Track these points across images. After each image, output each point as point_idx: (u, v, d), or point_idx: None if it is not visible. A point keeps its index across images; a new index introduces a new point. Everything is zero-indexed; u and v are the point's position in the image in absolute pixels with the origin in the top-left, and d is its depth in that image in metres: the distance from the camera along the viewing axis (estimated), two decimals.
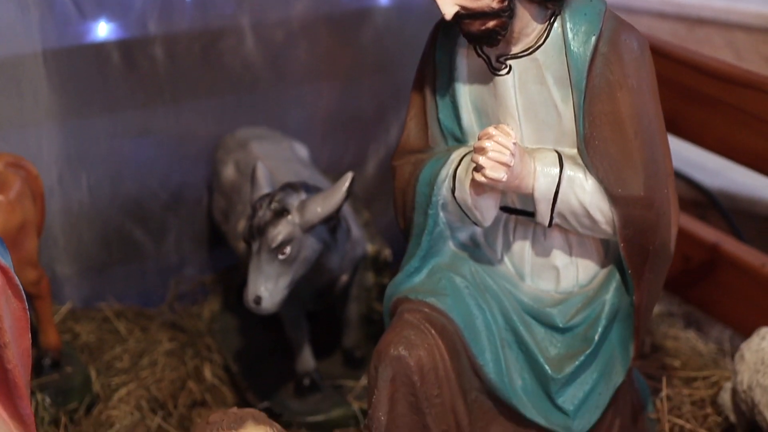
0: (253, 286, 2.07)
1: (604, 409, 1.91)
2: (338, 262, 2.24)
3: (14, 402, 1.78)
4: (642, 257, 1.83)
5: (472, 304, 1.89)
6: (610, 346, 1.91)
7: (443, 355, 1.85)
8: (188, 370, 2.50)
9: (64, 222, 2.59)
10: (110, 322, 2.63)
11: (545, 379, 1.88)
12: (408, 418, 1.85)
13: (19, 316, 1.76)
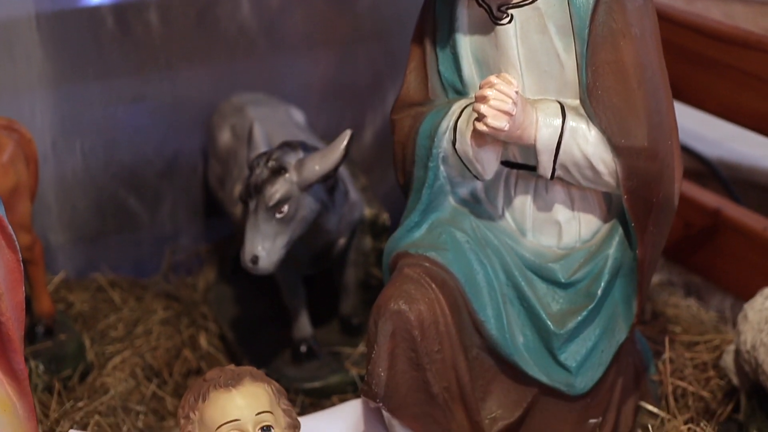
0: (250, 246, 2.04)
1: (606, 366, 1.89)
2: (336, 224, 2.21)
3: (7, 356, 1.74)
4: (646, 210, 1.81)
5: (473, 259, 1.86)
6: (613, 303, 1.89)
7: (444, 309, 1.82)
8: (183, 338, 2.47)
9: (58, 189, 2.55)
10: (104, 291, 2.60)
11: (547, 335, 1.86)
12: (408, 374, 1.82)
13: (12, 268, 1.73)
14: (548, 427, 1.90)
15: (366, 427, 1.96)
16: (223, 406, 1.80)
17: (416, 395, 1.84)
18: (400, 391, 1.82)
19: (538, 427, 1.91)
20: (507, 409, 1.90)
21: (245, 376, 1.85)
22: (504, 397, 1.90)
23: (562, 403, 1.89)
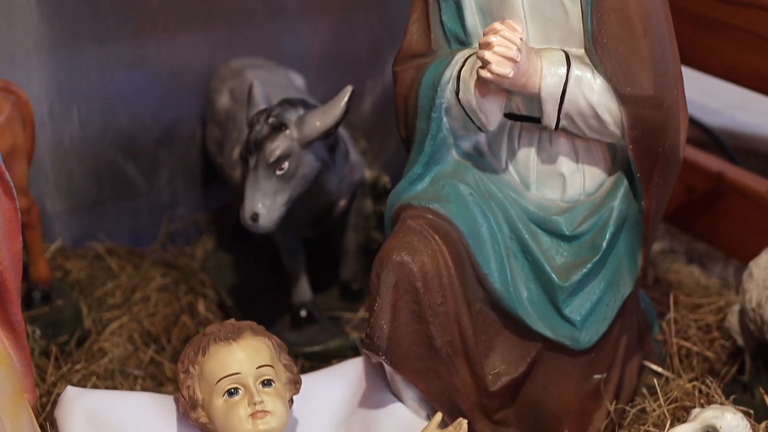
0: (250, 203, 2.01)
1: (611, 321, 1.87)
2: (336, 184, 2.18)
3: (4, 308, 1.72)
4: (651, 160, 1.79)
5: (477, 212, 1.84)
6: (618, 256, 1.86)
7: (447, 261, 1.80)
8: (182, 305, 2.44)
9: (55, 156, 2.53)
10: (101, 259, 2.57)
11: (552, 288, 1.83)
12: (411, 327, 1.80)
13: (9, 217, 1.71)
14: (552, 383, 1.88)
15: (367, 384, 1.93)
16: (224, 359, 1.78)
17: (419, 349, 1.82)
18: (402, 344, 1.80)
19: (542, 382, 1.89)
20: (510, 365, 1.88)
21: (246, 330, 1.83)
22: (507, 353, 1.88)
23: (566, 359, 1.87)
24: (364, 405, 1.90)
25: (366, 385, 1.93)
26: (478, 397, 1.88)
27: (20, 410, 1.76)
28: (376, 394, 1.91)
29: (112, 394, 1.89)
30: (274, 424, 1.74)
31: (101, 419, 1.82)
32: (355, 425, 1.90)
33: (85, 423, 1.80)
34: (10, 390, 1.74)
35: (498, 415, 1.91)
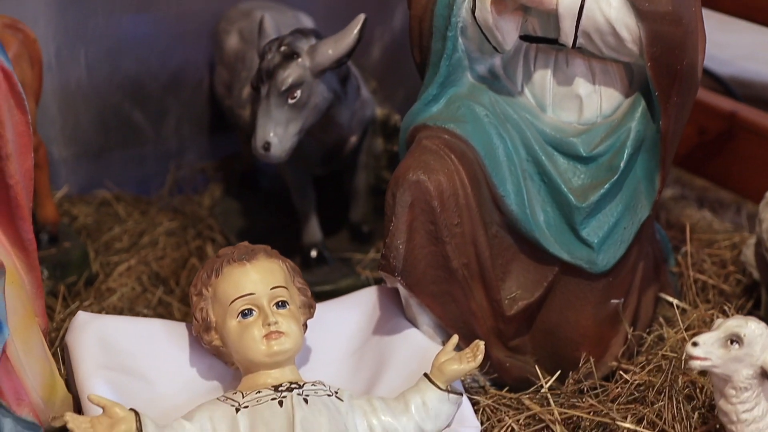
0: (262, 132, 1.99)
1: (629, 245, 1.85)
2: (348, 118, 2.16)
3: (16, 224, 1.70)
4: (670, 78, 1.77)
5: (493, 133, 1.82)
6: (635, 179, 1.85)
7: (464, 181, 1.78)
8: (190, 249, 2.42)
9: (62, 101, 2.50)
10: (108, 205, 2.55)
11: (569, 210, 1.81)
12: (427, 249, 1.78)
13: (21, 132, 1.68)
14: (569, 307, 1.86)
15: (381, 312, 1.91)
16: (237, 280, 1.76)
17: (435, 272, 1.79)
18: (418, 266, 1.77)
19: (558, 307, 1.87)
20: (526, 289, 1.86)
21: (260, 252, 1.81)
22: (523, 277, 1.86)
23: (583, 283, 1.85)
24: (379, 332, 1.88)
25: (380, 313, 1.91)
26: (494, 323, 1.86)
27: (31, 332, 1.74)
28: (390, 320, 1.89)
29: (123, 320, 1.87)
30: (288, 345, 1.72)
31: (112, 344, 1.79)
32: (369, 352, 1.88)
33: (96, 347, 1.77)
34: (21, 310, 1.72)
35: (514, 341, 1.89)
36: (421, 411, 1.72)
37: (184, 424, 1.66)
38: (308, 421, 1.64)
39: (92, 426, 1.58)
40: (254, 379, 1.74)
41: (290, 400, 1.67)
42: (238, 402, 1.69)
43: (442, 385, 1.73)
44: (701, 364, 1.51)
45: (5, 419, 1.69)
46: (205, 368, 1.85)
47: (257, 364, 1.73)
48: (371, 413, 1.72)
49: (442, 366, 1.74)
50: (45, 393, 1.75)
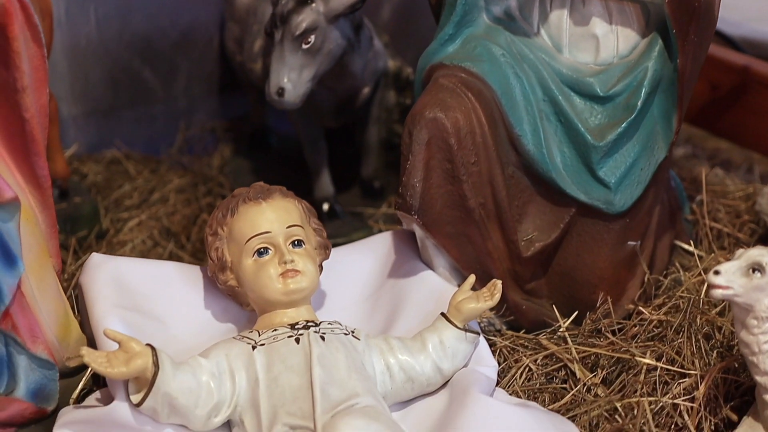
0: (276, 78, 1.98)
1: (645, 186, 1.83)
2: (361, 68, 2.15)
3: (30, 160, 1.69)
4: (687, 15, 1.75)
5: (510, 73, 1.81)
6: (652, 120, 1.84)
7: (480, 120, 1.77)
8: (201, 205, 2.41)
9: (71, 58, 2.49)
10: (117, 163, 2.54)
11: (586, 150, 1.80)
12: (444, 189, 1.77)
13: (37, 66, 1.67)
14: (586, 249, 1.85)
15: (397, 256, 1.90)
16: (253, 218, 1.75)
17: (451, 212, 1.78)
18: (435, 206, 1.76)
19: (575, 250, 1.86)
20: (543, 231, 1.85)
21: (275, 191, 1.80)
22: (540, 219, 1.85)
23: (600, 224, 1.84)
24: (395, 275, 1.87)
25: (395, 257, 1.90)
26: (511, 264, 1.85)
27: (46, 270, 1.73)
28: (406, 263, 1.88)
29: (137, 262, 1.85)
30: (305, 284, 1.71)
31: (127, 284, 1.78)
32: (385, 295, 1.87)
33: (110, 287, 1.76)
34: (36, 248, 1.71)
35: (530, 284, 1.88)
36: (438, 350, 1.71)
37: (200, 361, 1.65)
38: (325, 357, 1.63)
39: (108, 361, 1.56)
40: (270, 319, 1.73)
41: (307, 338, 1.66)
42: (254, 340, 1.68)
43: (459, 324, 1.72)
44: (723, 293, 1.50)
45: (20, 356, 1.68)
46: (219, 311, 1.84)
47: (273, 303, 1.71)
48: (388, 352, 1.71)
49: (459, 305, 1.73)
50: (59, 332, 1.74)
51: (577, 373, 1.73)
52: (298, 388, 1.60)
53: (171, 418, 1.61)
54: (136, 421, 1.61)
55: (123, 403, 1.61)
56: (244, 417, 1.63)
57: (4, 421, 1.65)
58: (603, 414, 1.63)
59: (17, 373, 1.68)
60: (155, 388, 1.57)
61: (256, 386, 1.62)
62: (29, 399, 1.68)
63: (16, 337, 1.66)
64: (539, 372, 1.76)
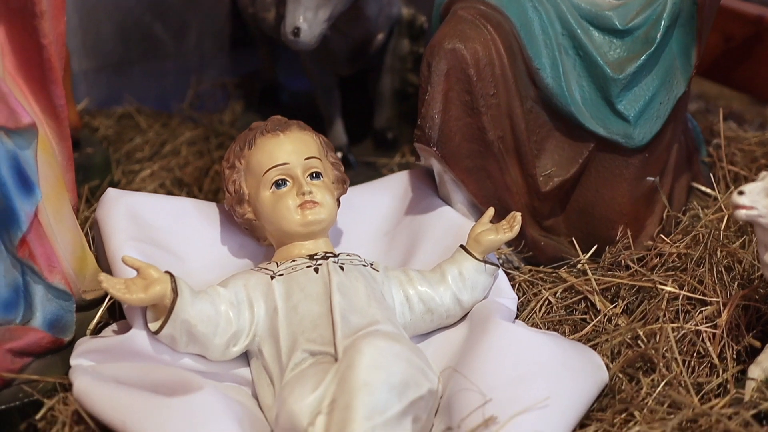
0: (292, 17, 1.97)
1: (664, 120, 1.82)
2: (375, 12, 2.14)
3: (47, 89, 1.67)
4: None
5: (528, 7, 1.80)
6: (671, 54, 1.83)
7: (500, 51, 1.76)
8: (213, 158, 2.40)
9: (82, 13, 2.48)
10: (129, 117, 2.53)
11: (605, 83, 1.79)
12: (462, 121, 1.76)
13: None
14: (605, 185, 1.84)
15: (414, 193, 1.89)
16: (271, 150, 1.74)
17: (470, 145, 1.77)
18: (453, 138, 1.75)
19: (594, 185, 1.85)
20: (562, 167, 1.84)
21: (293, 124, 1.79)
22: (558, 155, 1.84)
23: (619, 159, 1.83)
24: (412, 211, 1.86)
25: (413, 194, 1.89)
26: (529, 200, 1.84)
27: (62, 202, 1.72)
28: (423, 200, 1.87)
29: (153, 197, 1.84)
30: (323, 215, 1.70)
31: (143, 218, 1.77)
32: (402, 232, 1.86)
33: (127, 220, 1.74)
34: (53, 179, 1.70)
35: (548, 221, 1.87)
36: (458, 281, 1.70)
37: (219, 290, 1.63)
38: (345, 286, 1.62)
39: (126, 287, 1.55)
40: (288, 251, 1.72)
41: (326, 267, 1.65)
42: (272, 270, 1.67)
43: (478, 256, 1.71)
44: (747, 213, 1.49)
45: (37, 286, 1.67)
46: (236, 246, 1.82)
47: (291, 234, 1.70)
48: (407, 283, 1.70)
49: (479, 236, 1.72)
50: (76, 265, 1.73)
51: (597, 304, 1.72)
52: (318, 316, 1.59)
53: (189, 347, 1.60)
54: (154, 349, 1.60)
55: (141, 331, 1.59)
56: (262, 347, 1.61)
57: (21, 350, 1.63)
58: (625, 341, 1.62)
59: (34, 303, 1.67)
60: (174, 315, 1.55)
61: (275, 315, 1.61)
62: (46, 329, 1.67)
63: (33, 265, 1.65)
64: (559, 305, 1.75)
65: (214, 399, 1.49)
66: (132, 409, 1.46)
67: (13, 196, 1.60)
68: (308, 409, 1.44)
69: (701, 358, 1.62)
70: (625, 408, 1.53)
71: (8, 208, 1.60)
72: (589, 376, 1.57)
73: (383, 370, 1.42)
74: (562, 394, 1.50)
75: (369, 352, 1.44)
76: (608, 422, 1.52)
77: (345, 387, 1.42)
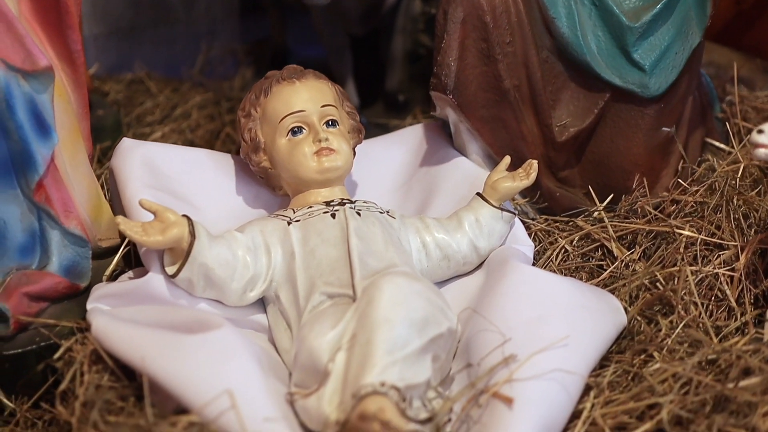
0: None
1: (680, 70, 1.82)
2: None
3: (64, 34, 1.67)
4: None
5: None
6: (687, 4, 1.83)
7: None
8: (224, 121, 2.39)
9: None
10: (139, 83, 2.53)
11: (621, 31, 1.79)
12: (478, 69, 1.76)
13: None
14: (620, 135, 1.84)
15: (429, 145, 1.89)
16: (287, 97, 1.74)
17: (486, 95, 1.77)
18: (469, 87, 1.75)
19: (609, 135, 1.85)
20: (577, 117, 1.84)
21: (309, 73, 1.78)
22: (574, 106, 1.84)
23: (635, 109, 1.83)
24: (427, 163, 1.86)
25: (427, 146, 1.88)
26: (545, 150, 1.84)
27: (78, 148, 1.72)
28: (438, 151, 1.87)
29: (168, 147, 1.83)
30: (339, 162, 1.69)
31: (159, 167, 1.76)
32: (418, 183, 1.85)
33: (142, 169, 1.73)
34: (68, 125, 1.70)
35: (563, 172, 1.87)
36: (474, 227, 1.70)
37: (236, 235, 1.63)
38: (362, 230, 1.62)
39: (144, 230, 1.54)
40: (304, 198, 1.71)
41: (343, 213, 1.65)
42: (289, 217, 1.67)
43: (495, 203, 1.71)
44: (767, 152, 1.48)
45: (53, 231, 1.67)
46: (251, 197, 1.82)
47: (308, 182, 1.70)
48: (424, 230, 1.70)
49: (495, 183, 1.72)
50: (92, 212, 1.73)
51: (614, 251, 1.72)
52: (336, 259, 1.58)
53: (206, 292, 1.60)
54: (171, 294, 1.59)
55: (158, 275, 1.59)
56: (279, 292, 1.61)
57: (38, 295, 1.63)
58: (643, 285, 1.62)
59: (50, 249, 1.67)
60: (191, 258, 1.55)
61: (291, 260, 1.61)
62: (62, 275, 1.66)
63: (50, 210, 1.64)
64: (575, 252, 1.75)
65: (233, 337, 1.48)
66: (151, 346, 1.46)
67: (30, 140, 1.59)
68: (328, 346, 1.44)
69: (719, 302, 1.62)
70: (644, 349, 1.52)
71: (25, 151, 1.60)
72: (608, 318, 1.57)
73: (403, 307, 1.42)
74: (581, 333, 1.50)
75: (389, 289, 1.43)
76: (627, 363, 1.52)
77: (365, 323, 1.42)
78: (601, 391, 1.48)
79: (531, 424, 1.39)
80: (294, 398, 1.47)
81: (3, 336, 1.61)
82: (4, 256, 1.64)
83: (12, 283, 1.62)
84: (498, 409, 1.41)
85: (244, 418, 1.36)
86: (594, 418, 1.44)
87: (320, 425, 1.41)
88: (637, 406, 1.43)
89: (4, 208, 1.62)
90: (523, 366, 1.44)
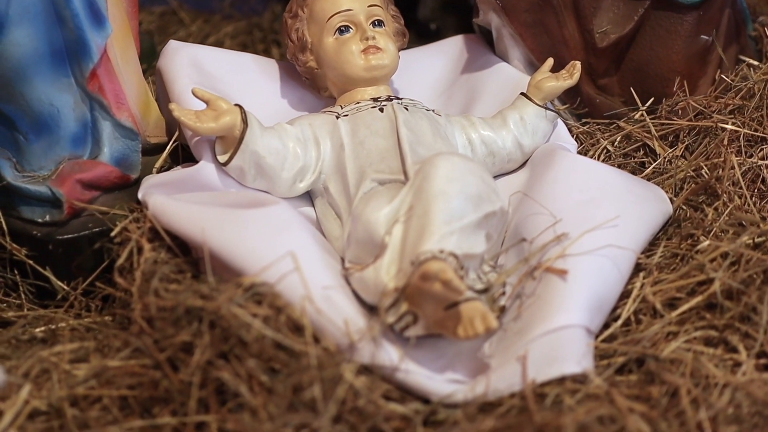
0: None
1: None
2: None
3: None
4: None
5: None
6: None
7: None
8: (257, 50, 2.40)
9: None
10: (171, 14, 2.54)
11: None
12: None
13: None
14: (659, 42, 1.86)
15: (469, 54, 1.91)
16: None
17: None
18: None
19: (649, 43, 1.87)
20: (618, 24, 1.86)
21: None
22: (614, 13, 1.86)
23: (674, 17, 1.85)
24: (469, 69, 1.88)
25: (468, 55, 1.91)
26: (585, 56, 1.86)
27: (128, 44, 1.74)
28: (480, 58, 1.89)
29: (215, 50, 1.85)
30: (386, 60, 1.72)
31: (205, 69, 1.78)
32: (460, 90, 1.88)
33: (189, 68, 1.75)
34: (120, 20, 1.71)
35: (603, 80, 1.89)
36: (519, 125, 1.72)
37: (286, 126, 1.65)
38: (410, 122, 1.64)
39: (197, 116, 1.57)
40: (351, 96, 1.73)
41: (391, 107, 1.67)
42: (337, 112, 1.69)
43: (539, 102, 1.74)
44: None
45: (105, 122, 1.69)
46: (296, 100, 1.84)
47: (355, 80, 1.72)
48: (470, 127, 1.72)
49: (539, 83, 1.75)
50: (141, 108, 1.74)
51: (657, 149, 1.75)
52: (385, 149, 1.61)
53: (257, 181, 1.62)
54: (222, 182, 1.61)
55: (209, 164, 1.61)
56: (328, 183, 1.63)
57: (91, 182, 1.65)
58: (687, 177, 1.64)
59: (101, 140, 1.69)
60: (243, 146, 1.57)
61: (341, 151, 1.63)
62: (113, 165, 1.68)
63: (103, 100, 1.66)
64: (617, 152, 1.77)
65: (290, 212, 1.51)
66: (210, 219, 1.48)
67: (85, 27, 1.61)
68: (385, 219, 1.47)
69: (762, 194, 1.64)
70: (691, 233, 1.55)
71: (80, 38, 1.61)
72: (654, 206, 1.60)
73: (459, 182, 1.44)
74: (630, 215, 1.53)
75: (444, 166, 1.46)
76: (675, 246, 1.54)
77: (422, 196, 1.44)
78: (650, 272, 1.51)
79: (585, 294, 1.42)
80: (350, 272, 1.49)
81: (57, 221, 1.63)
82: (56, 145, 1.66)
83: (65, 170, 1.64)
84: (552, 281, 1.44)
85: (307, 281, 1.39)
86: (644, 296, 1.47)
87: (377, 295, 1.43)
88: (687, 282, 1.46)
89: (58, 97, 1.64)
90: (576, 243, 1.47)
